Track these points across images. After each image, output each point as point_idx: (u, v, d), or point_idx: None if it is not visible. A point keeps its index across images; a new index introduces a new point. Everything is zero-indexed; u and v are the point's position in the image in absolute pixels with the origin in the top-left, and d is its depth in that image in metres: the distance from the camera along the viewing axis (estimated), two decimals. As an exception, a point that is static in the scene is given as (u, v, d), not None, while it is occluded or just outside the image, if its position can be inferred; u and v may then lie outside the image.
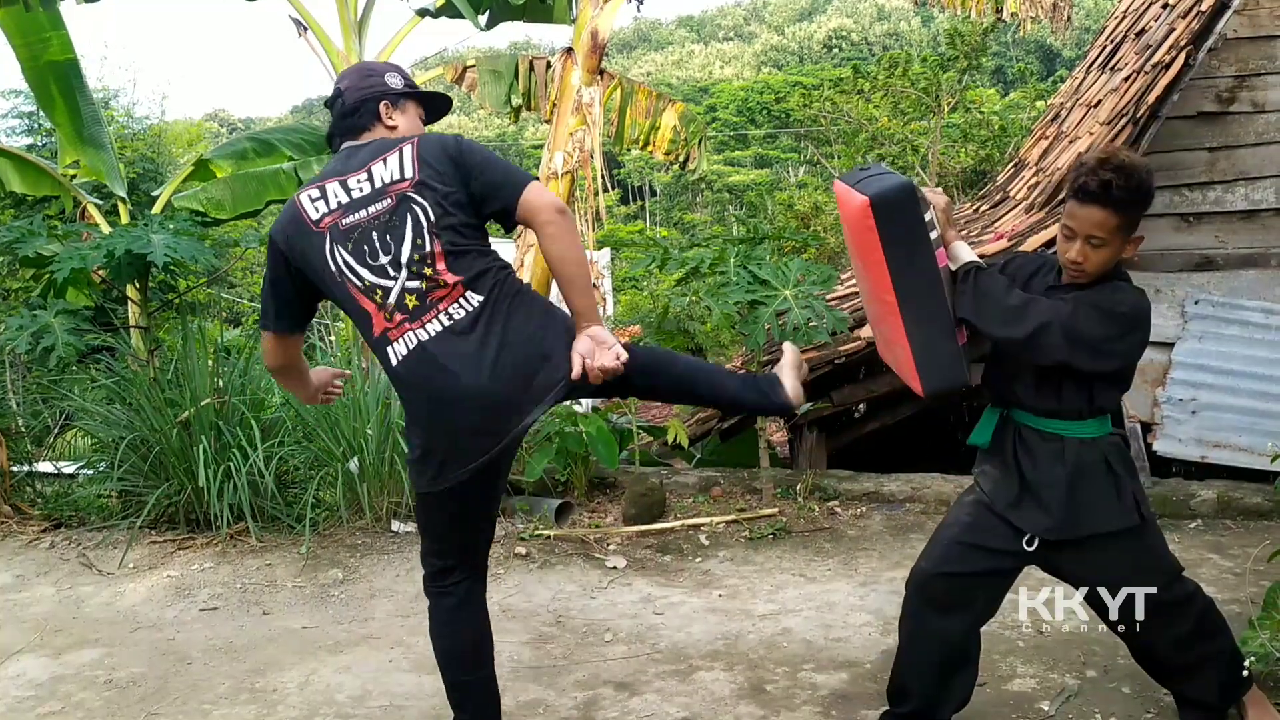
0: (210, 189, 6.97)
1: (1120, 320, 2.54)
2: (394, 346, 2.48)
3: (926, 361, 2.60)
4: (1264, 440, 5.20)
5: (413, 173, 2.50)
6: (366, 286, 2.48)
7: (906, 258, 2.52)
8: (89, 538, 5.10)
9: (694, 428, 6.99)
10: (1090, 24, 34.53)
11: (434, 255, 2.46)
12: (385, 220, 2.48)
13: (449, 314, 2.45)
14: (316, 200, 2.52)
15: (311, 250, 2.51)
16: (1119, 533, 2.65)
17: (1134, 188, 2.49)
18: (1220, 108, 5.65)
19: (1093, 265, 2.55)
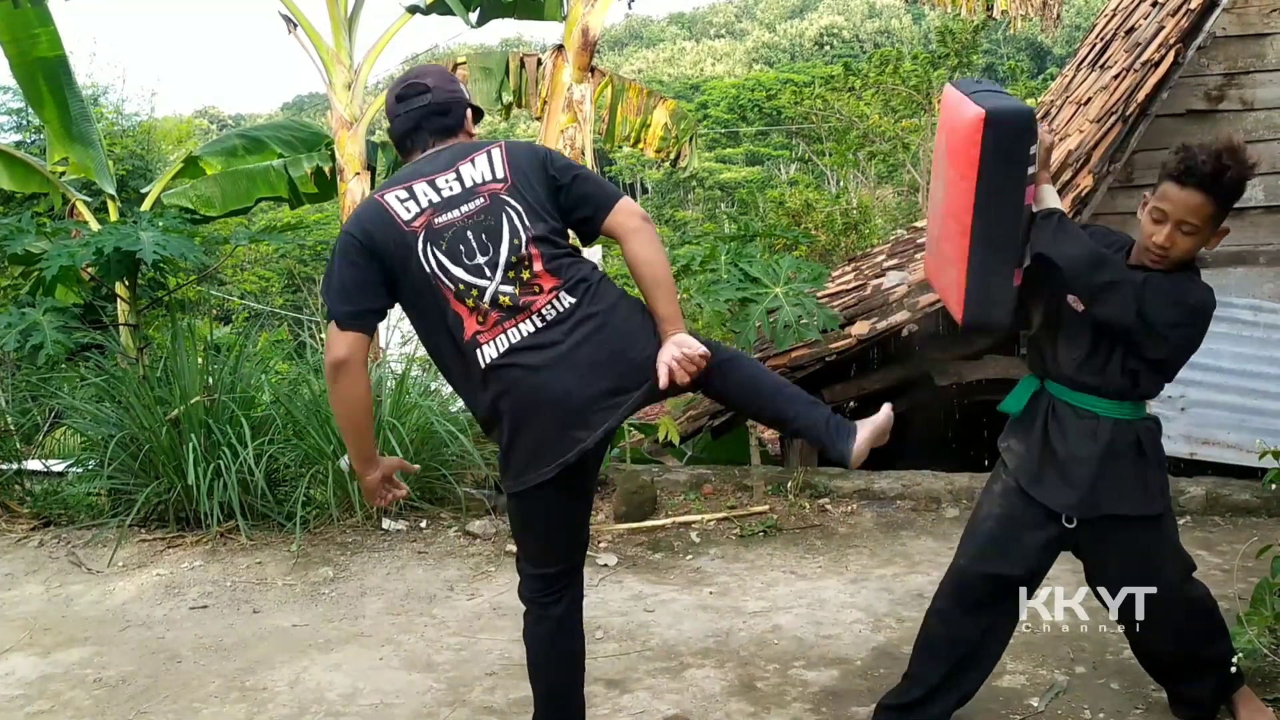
0: (200, 186, 6.95)
1: (1186, 310, 2.51)
2: (484, 349, 2.44)
3: (978, 291, 2.55)
4: (1252, 437, 5.22)
5: (504, 174, 2.51)
6: (461, 289, 2.44)
7: (1000, 183, 2.46)
8: (78, 536, 5.09)
9: (685, 425, 6.99)
10: (1080, 21, 34.60)
11: (531, 257, 2.46)
12: (480, 220, 2.47)
13: (542, 315, 2.44)
14: (406, 201, 2.48)
15: (405, 252, 2.45)
16: (1138, 519, 2.65)
17: (1241, 180, 2.45)
18: (1209, 106, 5.67)
19: (1178, 252, 2.50)
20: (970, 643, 2.80)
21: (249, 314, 16.74)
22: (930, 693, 2.82)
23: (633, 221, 2.52)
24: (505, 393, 2.43)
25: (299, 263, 21.56)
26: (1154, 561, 2.71)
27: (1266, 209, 5.69)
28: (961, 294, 2.57)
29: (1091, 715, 3.08)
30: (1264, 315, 5.57)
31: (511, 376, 2.42)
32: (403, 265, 2.46)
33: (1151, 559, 2.71)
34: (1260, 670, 3.13)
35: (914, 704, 2.84)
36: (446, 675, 3.53)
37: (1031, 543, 2.71)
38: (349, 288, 2.48)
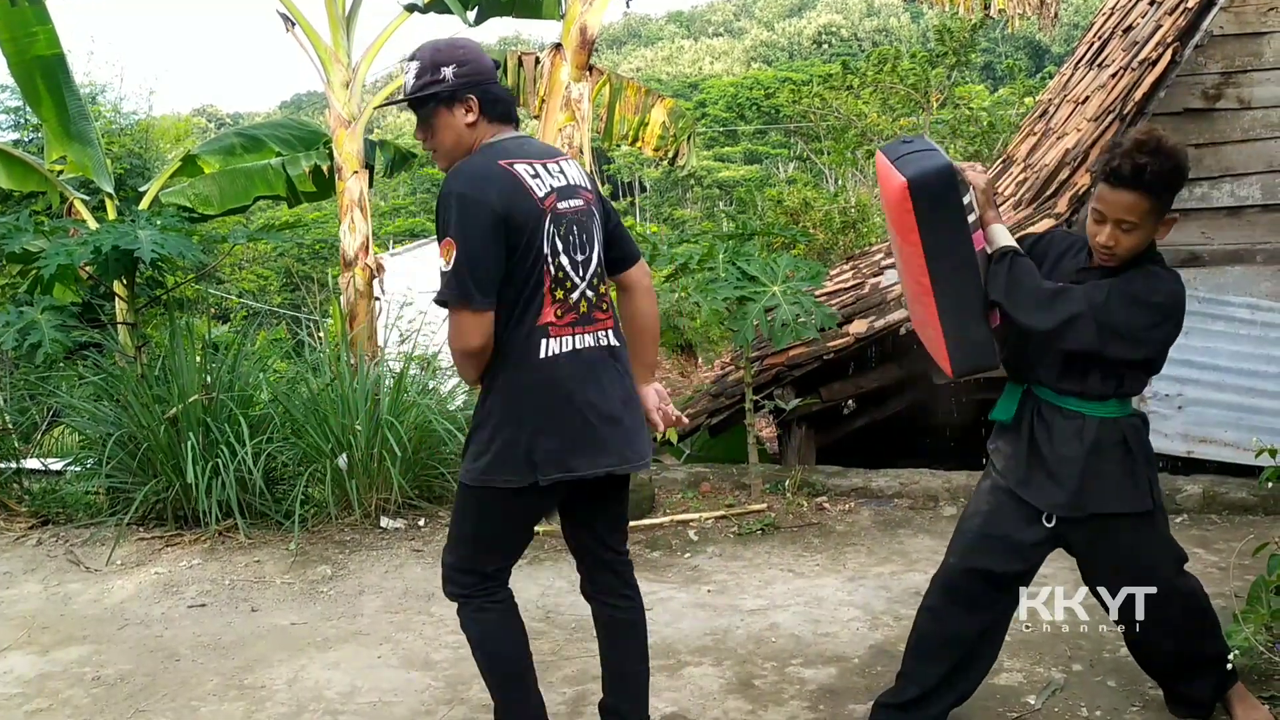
0: (198, 185, 6.95)
1: (1155, 309, 2.53)
2: (550, 341, 2.45)
3: (957, 344, 2.61)
4: (1249, 435, 5.22)
5: (592, 187, 2.60)
6: (561, 276, 2.46)
7: (942, 242, 2.50)
8: (76, 535, 5.09)
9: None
10: (1079, 20, 34.62)
11: (602, 276, 2.59)
12: (583, 219, 2.52)
13: (602, 336, 2.54)
14: (535, 177, 2.46)
15: (534, 226, 2.41)
16: (1128, 516, 2.65)
17: (1168, 171, 2.46)
18: (1207, 104, 5.67)
19: (1123, 249, 2.54)
20: (965, 641, 2.80)
21: (247, 312, 16.74)
22: (927, 692, 2.83)
23: (648, 280, 2.77)
24: (555, 389, 2.44)
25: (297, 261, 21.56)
26: (1147, 557, 2.72)
27: (1264, 208, 5.69)
28: (944, 350, 2.63)
29: (1089, 713, 3.09)
30: (1261, 314, 5.57)
31: (568, 374, 2.46)
32: (525, 240, 2.41)
33: (1144, 554, 2.71)
34: (1256, 668, 3.14)
35: (911, 703, 2.84)
36: (445, 673, 3.53)
37: (1019, 540, 2.72)
38: (489, 265, 2.37)
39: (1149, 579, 2.72)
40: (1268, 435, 5.00)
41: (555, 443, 2.45)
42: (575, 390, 2.46)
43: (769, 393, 6.11)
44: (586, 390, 2.47)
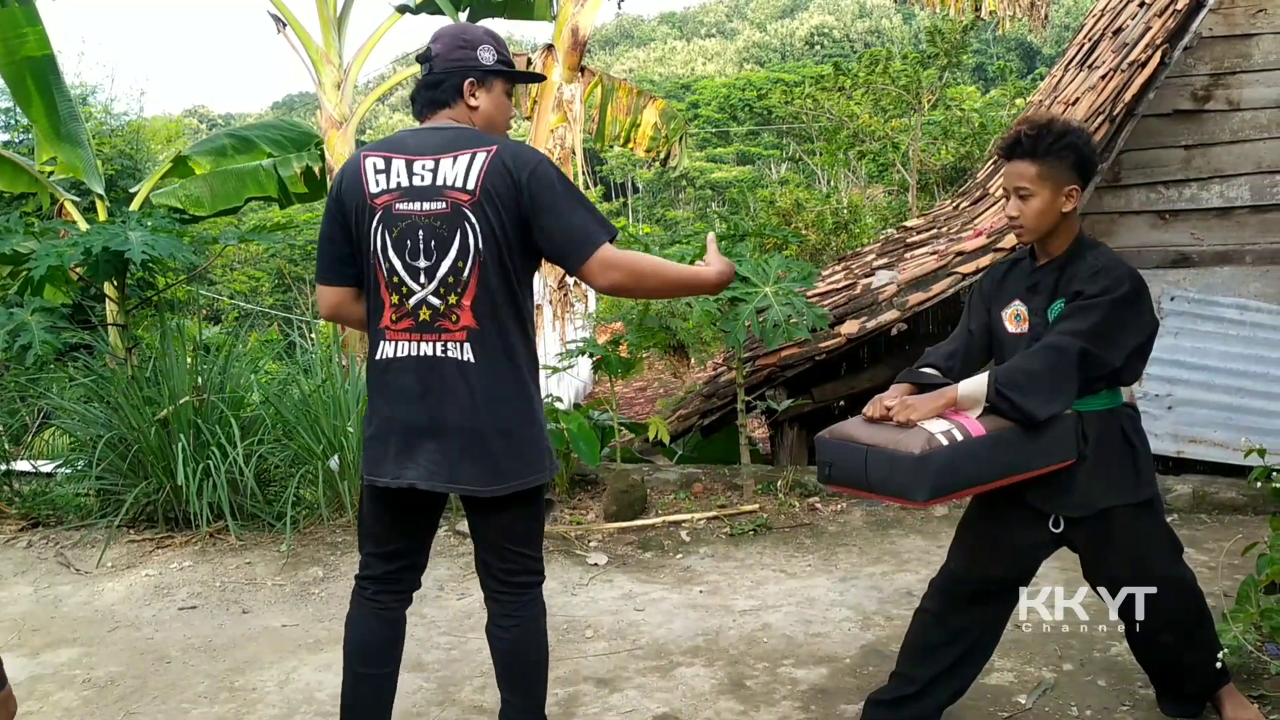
0: (189, 186, 6.94)
1: (1107, 274, 2.56)
2: (385, 344, 2.47)
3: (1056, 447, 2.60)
4: (1239, 435, 5.24)
5: (474, 188, 2.38)
6: (395, 280, 2.43)
7: (987, 471, 2.52)
8: (67, 537, 5.08)
9: (675, 424, 7.00)
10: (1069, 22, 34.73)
11: (466, 286, 2.40)
12: (436, 225, 2.40)
13: (445, 346, 2.42)
14: (381, 172, 2.44)
15: (362, 219, 2.46)
16: (1131, 505, 2.68)
17: (1043, 135, 2.59)
18: (1196, 106, 5.70)
19: (1027, 219, 2.63)
20: (963, 642, 2.81)
21: (238, 314, 16.69)
22: (922, 690, 2.83)
23: (600, 287, 2.42)
24: (388, 393, 2.48)
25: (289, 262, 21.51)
26: (1149, 544, 2.73)
27: (1253, 208, 5.72)
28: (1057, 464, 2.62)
29: (1079, 712, 3.09)
30: (1250, 314, 5.60)
31: (400, 383, 2.46)
32: (358, 234, 2.48)
33: (1147, 542, 2.73)
34: (1245, 666, 3.16)
35: (905, 700, 2.85)
36: (436, 675, 3.53)
37: (1021, 543, 2.73)
38: (326, 246, 2.55)
39: (1152, 568, 2.74)
40: (1257, 435, 5.04)
41: (372, 445, 2.51)
42: (394, 397, 2.46)
43: (761, 393, 6.12)
44: (406, 399, 2.44)
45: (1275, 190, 5.67)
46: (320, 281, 2.59)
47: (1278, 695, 3.03)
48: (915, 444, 2.41)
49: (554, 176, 2.43)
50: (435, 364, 2.42)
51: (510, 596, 2.59)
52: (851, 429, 2.60)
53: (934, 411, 2.52)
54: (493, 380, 2.43)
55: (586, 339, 6.02)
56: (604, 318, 7.58)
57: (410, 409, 2.44)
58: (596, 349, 5.68)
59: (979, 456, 2.48)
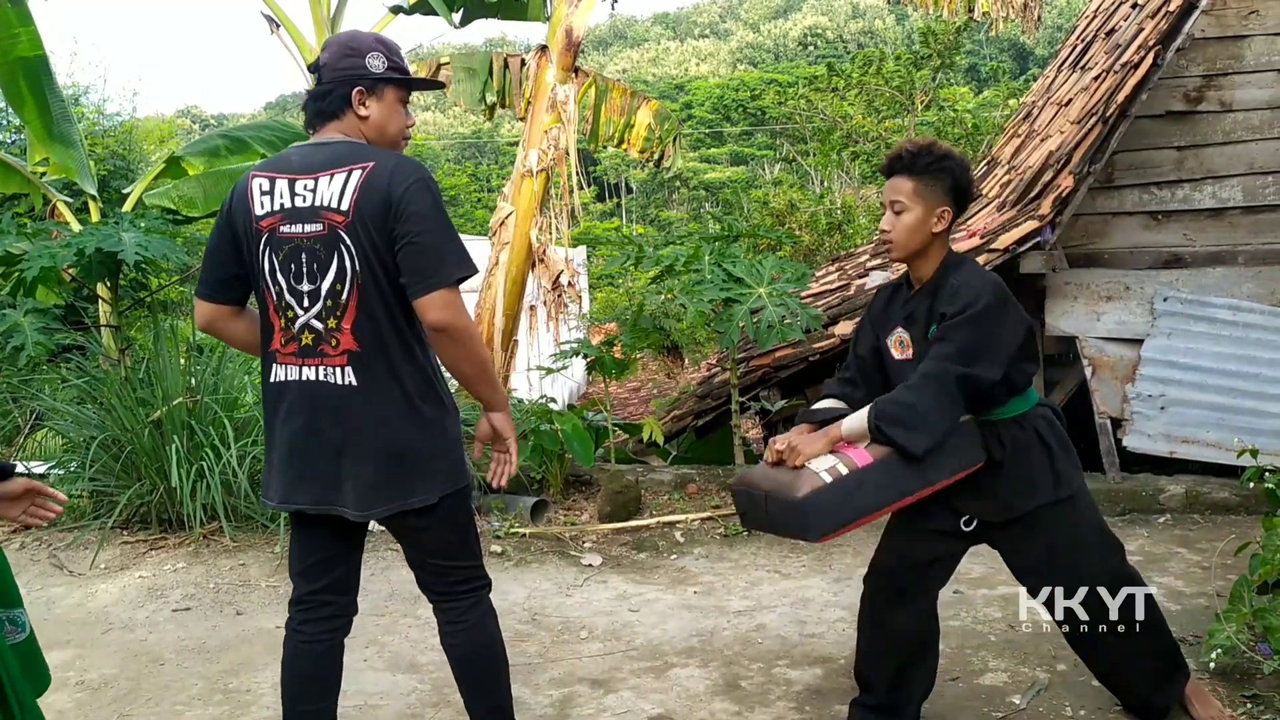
0: (182, 186, 6.91)
1: (989, 313, 2.57)
2: (277, 368, 2.45)
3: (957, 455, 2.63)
4: (1231, 435, 5.26)
5: (348, 208, 2.32)
6: (282, 304, 2.41)
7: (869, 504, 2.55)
8: (60, 538, 5.06)
9: (669, 425, 7.00)
10: (1062, 23, 34.80)
11: (346, 309, 2.36)
12: (314, 247, 2.36)
13: (325, 371, 2.39)
14: (265, 195, 2.40)
15: (251, 241, 2.42)
16: (1053, 505, 2.70)
17: (922, 154, 2.65)
18: (1188, 107, 5.72)
19: (898, 234, 2.68)
20: (907, 633, 2.85)
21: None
22: (893, 693, 2.87)
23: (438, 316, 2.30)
24: (273, 414, 2.48)
25: (282, 263, 21.40)
26: (1072, 540, 2.75)
27: (1245, 209, 5.73)
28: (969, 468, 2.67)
29: (1073, 712, 3.10)
30: (1242, 315, 5.62)
31: (281, 408, 2.45)
32: (249, 256, 2.44)
33: (1069, 537, 2.74)
34: (1238, 667, 3.17)
35: (883, 707, 2.89)
36: (431, 676, 3.53)
37: (940, 530, 2.78)
38: (211, 261, 2.51)
39: (1076, 564, 2.75)
40: (1249, 435, 5.06)
41: (268, 467, 2.51)
42: (283, 421, 2.44)
43: (755, 394, 6.12)
44: (293, 423, 2.42)
45: (1267, 191, 5.69)
46: (199, 296, 2.54)
47: (1270, 695, 3.04)
48: (800, 487, 2.49)
49: (429, 198, 2.34)
50: (317, 388, 2.40)
51: (450, 603, 2.59)
52: (754, 476, 2.70)
53: (820, 450, 2.57)
54: (374, 403, 2.38)
55: (581, 340, 6.03)
56: (598, 319, 7.59)
57: (296, 433, 2.42)
58: (590, 350, 5.68)
59: (871, 484, 2.53)
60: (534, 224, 6.38)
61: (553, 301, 6.48)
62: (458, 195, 30.46)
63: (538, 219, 6.41)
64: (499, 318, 6.39)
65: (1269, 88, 5.64)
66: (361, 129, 2.47)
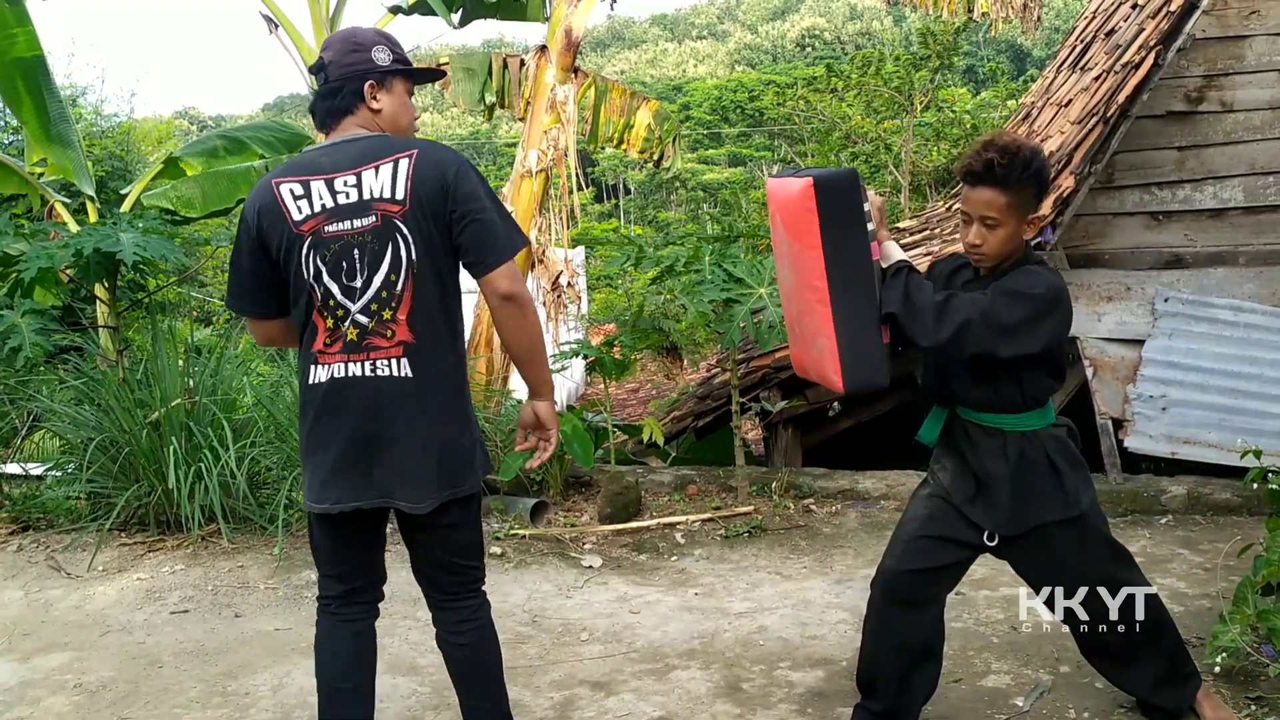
0: (180, 187, 6.89)
1: (1036, 301, 2.54)
2: (318, 368, 2.42)
3: (851, 356, 2.57)
4: (1233, 436, 5.25)
5: (404, 197, 2.35)
6: (331, 303, 2.38)
7: (843, 243, 2.51)
8: (57, 540, 5.04)
9: (669, 426, 6.98)
10: (1060, 24, 34.80)
11: (400, 300, 2.37)
12: (368, 240, 2.36)
13: (375, 365, 2.38)
14: (300, 199, 2.37)
15: (291, 248, 2.38)
16: (1062, 523, 2.69)
17: (1018, 166, 2.53)
18: (1189, 107, 5.70)
19: (990, 247, 2.59)
20: (914, 637, 2.83)
21: (230, 316, 16.64)
22: (896, 697, 2.85)
23: (494, 299, 2.38)
24: (318, 416, 2.43)
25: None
26: (1083, 558, 2.75)
27: (1246, 210, 5.72)
28: (836, 362, 2.58)
29: (1076, 714, 3.09)
30: (1244, 315, 5.60)
31: (327, 407, 2.41)
32: (285, 263, 2.41)
33: (1080, 556, 2.74)
34: (1243, 669, 3.15)
35: (887, 713, 2.87)
36: (431, 678, 3.51)
37: (955, 538, 2.76)
38: (244, 279, 2.49)
39: (1085, 571, 2.76)
40: (1251, 436, 5.04)
41: (312, 472, 2.46)
42: (329, 420, 2.41)
43: (755, 395, 6.11)
44: (341, 421, 2.40)
45: (1268, 191, 5.68)
46: (253, 317, 2.54)
47: (1275, 696, 3.03)
48: None
49: (476, 176, 2.41)
50: (368, 384, 2.38)
51: (459, 603, 2.61)
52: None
53: (880, 206, 2.65)
54: (428, 394, 2.40)
55: (580, 340, 6.01)
56: (597, 319, 7.57)
57: (346, 431, 2.40)
58: (590, 351, 5.66)
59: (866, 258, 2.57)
60: (533, 224, 6.37)
61: (552, 302, 6.47)
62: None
63: (537, 219, 6.40)
64: (498, 318, 6.36)
65: (1270, 88, 5.63)
66: (377, 122, 2.48)
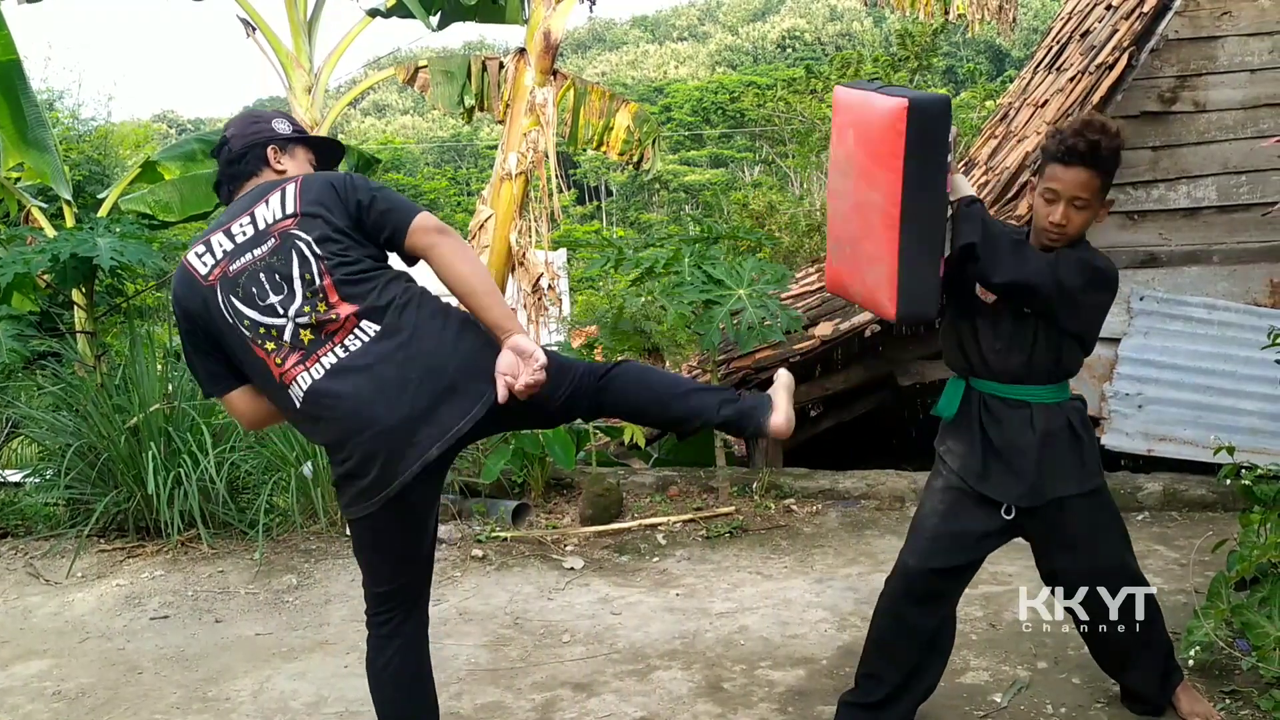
0: (158, 191, 6.86)
1: (1099, 275, 2.61)
2: (293, 388, 2.39)
3: (910, 284, 2.53)
4: (1208, 433, 5.30)
5: (294, 208, 2.42)
6: (260, 332, 2.39)
7: (925, 172, 2.45)
8: (35, 547, 5.01)
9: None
10: (1039, 24, 35.03)
11: (325, 289, 2.39)
12: (270, 260, 2.40)
13: (345, 346, 2.38)
14: (203, 255, 2.45)
15: (209, 308, 2.42)
16: (1082, 495, 2.72)
17: (1115, 149, 2.56)
18: (1163, 107, 5.76)
19: (1074, 228, 2.60)
20: (925, 636, 2.84)
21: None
22: (895, 690, 2.86)
23: (427, 238, 2.42)
24: (325, 425, 2.39)
25: (260, 268, 21.29)
26: (1099, 533, 2.78)
27: (1219, 209, 5.78)
28: (894, 289, 2.54)
29: (1053, 710, 3.12)
30: (1218, 313, 5.66)
31: (325, 408, 2.37)
32: (216, 321, 2.43)
33: (1096, 531, 2.78)
34: (1217, 663, 3.19)
35: (881, 704, 2.86)
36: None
37: (975, 533, 2.77)
38: (198, 364, 2.53)
39: (1102, 557, 2.79)
40: (1225, 433, 5.08)
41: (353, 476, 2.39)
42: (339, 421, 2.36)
43: (736, 396, 6.11)
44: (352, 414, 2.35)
45: (1241, 191, 5.75)
46: (228, 393, 2.53)
47: (1249, 690, 3.06)
48: None
49: (368, 179, 2.54)
50: (346, 365, 2.37)
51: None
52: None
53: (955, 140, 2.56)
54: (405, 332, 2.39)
55: (561, 343, 6.02)
56: (579, 322, 7.57)
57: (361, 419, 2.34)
58: (571, 353, 5.67)
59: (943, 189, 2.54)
60: (514, 227, 6.37)
61: (533, 304, 6.46)
62: (437, 199, 30.38)
63: (517, 222, 6.39)
64: (479, 321, 6.36)
65: (1242, 88, 5.70)
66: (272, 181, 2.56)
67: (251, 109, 2.80)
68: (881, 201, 2.51)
